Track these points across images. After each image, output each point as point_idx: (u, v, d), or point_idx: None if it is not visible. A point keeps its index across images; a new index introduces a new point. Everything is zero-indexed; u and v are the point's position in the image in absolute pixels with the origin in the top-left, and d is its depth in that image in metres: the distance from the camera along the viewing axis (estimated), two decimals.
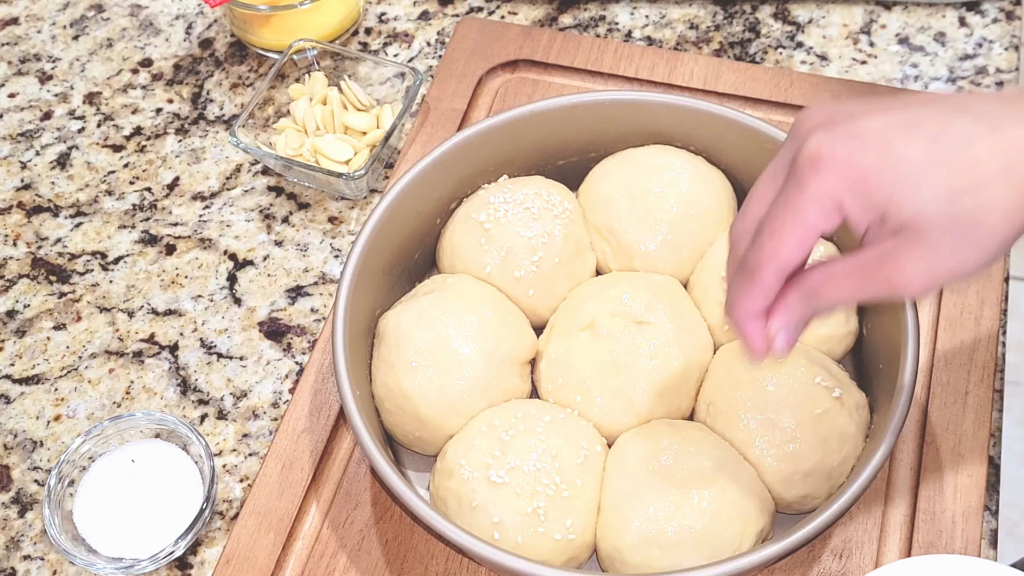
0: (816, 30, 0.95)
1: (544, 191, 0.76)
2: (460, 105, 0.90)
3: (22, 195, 0.90)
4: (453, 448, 0.68)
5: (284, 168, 0.87)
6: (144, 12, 1.01)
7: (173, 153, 0.92)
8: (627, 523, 0.65)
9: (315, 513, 0.73)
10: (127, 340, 0.82)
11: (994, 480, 0.72)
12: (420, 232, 0.78)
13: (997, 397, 0.75)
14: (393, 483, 0.64)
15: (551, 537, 0.65)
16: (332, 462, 0.75)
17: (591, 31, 0.96)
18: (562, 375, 0.71)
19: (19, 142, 0.94)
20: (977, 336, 0.76)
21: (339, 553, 0.71)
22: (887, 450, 0.63)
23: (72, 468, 0.73)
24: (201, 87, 0.96)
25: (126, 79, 0.97)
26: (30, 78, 0.97)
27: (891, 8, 0.96)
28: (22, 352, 0.82)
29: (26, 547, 0.74)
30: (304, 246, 0.86)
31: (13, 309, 0.84)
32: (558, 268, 0.75)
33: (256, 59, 0.97)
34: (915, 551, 0.69)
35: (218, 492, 0.75)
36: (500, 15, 0.98)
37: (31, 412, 0.79)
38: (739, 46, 0.95)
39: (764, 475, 0.67)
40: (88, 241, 0.87)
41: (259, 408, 0.79)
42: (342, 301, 0.70)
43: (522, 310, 0.74)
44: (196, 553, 0.73)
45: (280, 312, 0.83)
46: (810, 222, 0.50)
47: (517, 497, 0.65)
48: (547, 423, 0.68)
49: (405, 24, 0.98)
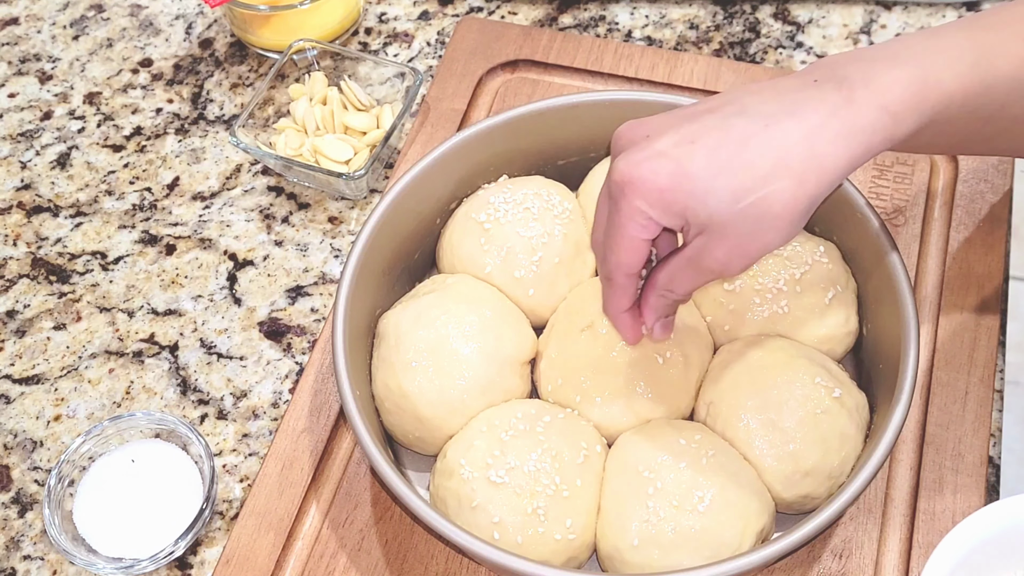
0: (816, 30, 0.95)
1: (544, 191, 0.76)
2: (460, 105, 0.90)
3: (22, 195, 0.91)
4: (453, 448, 0.68)
5: (284, 168, 0.87)
6: (144, 12, 1.01)
7: (173, 153, 0.92)
8: (627, 523, 0.65)
9: (315, 513, 0.73)
10: (127, 340, 0.82)
11: (994, 480, 0.72)
12: (420, 232, 0.78)
13: (997, 397, 0.75)
14: (393, 483, 0.64)
15: (551, 537, 0.65)
16: (332, 462, 0.75)
17: (591, 31, 0.96)
18: (562, 375, 0.71)
19: (19, 142, 0.94)
20: (977, 336, 0.76)
21: (339, 553, 0.71)
22: (887, 450, 0.63)
23: (72, 468, 0.73)
24: (201, 87, 0.96)
25: (126, 79, 0.97)
26: (30, 78, 0.97)
27: (891, 8, 0.96)
28: (22, 352, 0.82)
29: (26, 547, 0.74)
30: (304, 246, 0.86)
31: (13, 309, 0.84)
32: (558, 268, 0.75)
33: (256, 59, 0.97)
34: (915, 551, 0.69)
35: (218, 492, 0.75)
36: (500, 15, 0.98)
37: (31, 412, 0.80)
38: (739, 46, 0.95)
39: (764, 475, 0.67)
40: (88, 241, 0.87)
41: (259, 408, 0.79)
42: (342, 301, 0.70)
43: (522, 310, 0.74)
44: (196, 553, 0.73)
45: (280, 312, 0.83)
46: (632, 234, 0.59)
47: (517, 497, 0.65)
48: (547, 423, 0.68)
49: (405, 24, 0.98)
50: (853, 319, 0.73)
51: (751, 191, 0.55)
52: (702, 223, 0.57)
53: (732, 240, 0.57)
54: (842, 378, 0.70)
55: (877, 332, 0.71)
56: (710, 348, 0.73)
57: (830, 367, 0.70)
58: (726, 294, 0.72)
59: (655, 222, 0.58)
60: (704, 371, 0.72)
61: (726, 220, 0.56)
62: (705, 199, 0.56)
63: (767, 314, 0.71)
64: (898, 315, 0.68)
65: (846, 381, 0.70)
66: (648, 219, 0.58)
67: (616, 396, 0.70)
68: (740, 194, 0.55)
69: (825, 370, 0.69)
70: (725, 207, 0.56)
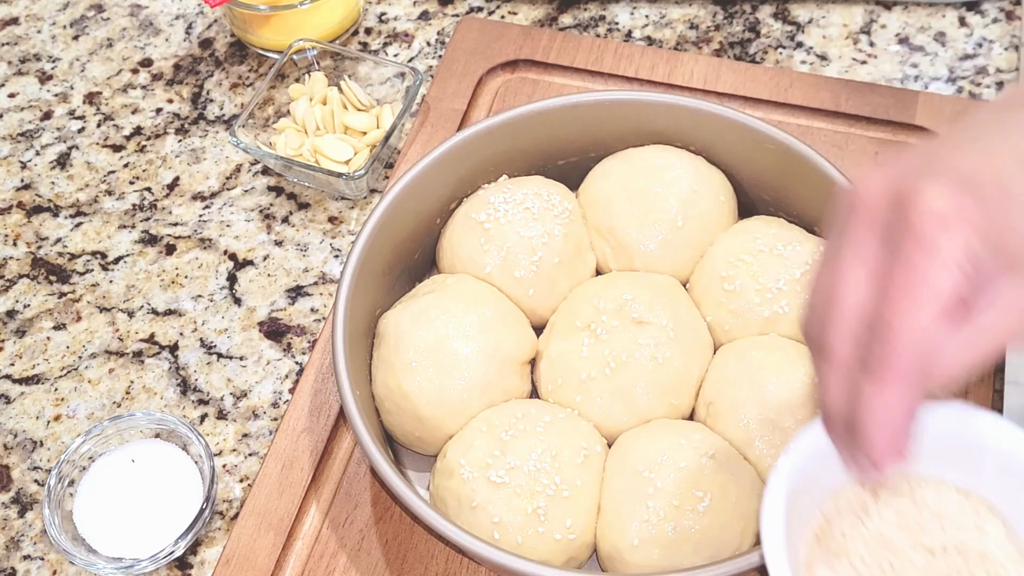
0: (816, 30, 0.95)
1: (544, 191, 0.76)
2: (460, 105, 0.90)
3: (22, 195, 0.91)
4: (453, 448, 0.68)
5: (284, 168, 0.87)
6: (144, 12, 1.01)
7: (173, 153, 0.92)
8: (627, 523, 0.65)
9: (315, 513, 0.73)
10: (127, 340, 0.82)
11: None
12: (420, 232, 0.78)
13: (997, 397, 0.75)
14: (393, 483, 0.64)
15: (551, 537, 0.65)
16: (332, 462, 0.75)
17: (591, 31, 0.96)
18: (562, 375, 0.71)
19: (19, 142, 0.94)
20: None
21: (339, 553, 0.71)
22: None
23: (72, 468, 0.73)
24: (201, 87, 0.96)
25: (126, 79, 0.97)
26: (30, 78, 0.97)
27: (891, 8, 0.96)
28: (22, 352, 0.82)
29: (26, 547, 0.74)
30: (304, 246, 0.86)
31: (13, 309, 0.84)
32: (558, 268, 0.75)
33: (256, 59, 0.97)
34: None
35: (218, 492, 0.75)
36: (500, 15, 0.98)
37: (31, 412, 0.80)
38: (739, 46, 0.95)
39: (764, 475, 0.67)
40: (88, 241, 0.87)
41: (259, 408, 0.79)
42: (342, 301, 0.70)
43: (522, 310, 0.74)
44: (196, 553, 0.73)
45: (280, 312, 0.83)
46: (943, 291, 0.43)
47: (517, 497, 0.65)
48: (547, 423, 0.68)
49: (405, 24, 0.98)
50: None
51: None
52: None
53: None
54: None
55: None
56: (710, 348, 0.73)
57: None
58: (726, 294, 0.72)
59: (978, 270, 0.43)
60: (704, 371, 0.72)
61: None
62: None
63: (767, 314, 0.71)
64: None
65: None
66: (977, 265, 0.43)
67: (616, 396, 0.70)
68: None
69: None
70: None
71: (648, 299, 0.71)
